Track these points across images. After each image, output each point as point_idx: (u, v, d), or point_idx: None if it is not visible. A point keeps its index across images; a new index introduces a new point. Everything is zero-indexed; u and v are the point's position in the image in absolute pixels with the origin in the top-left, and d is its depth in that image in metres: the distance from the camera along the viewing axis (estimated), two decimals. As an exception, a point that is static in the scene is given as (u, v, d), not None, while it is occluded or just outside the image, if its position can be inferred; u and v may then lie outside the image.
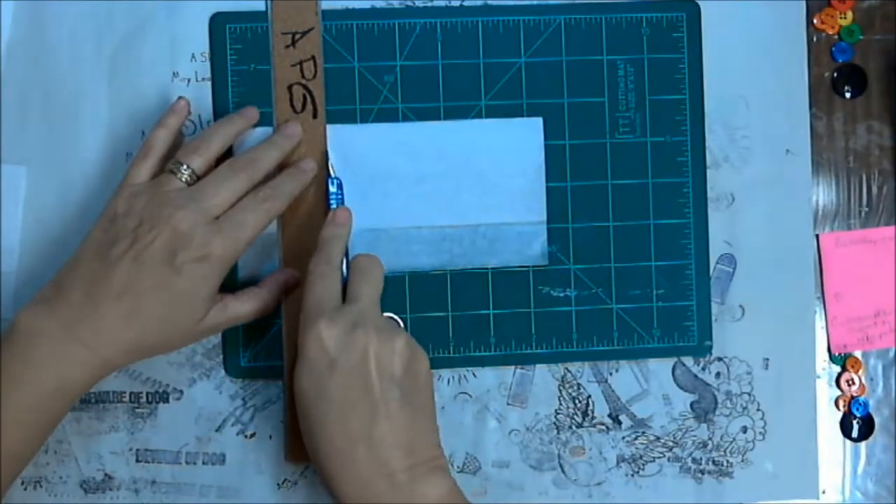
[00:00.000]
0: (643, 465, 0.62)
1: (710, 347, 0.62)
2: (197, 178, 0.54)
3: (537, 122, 0.61)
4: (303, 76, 0.56)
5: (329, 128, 0.60)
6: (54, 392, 0.51)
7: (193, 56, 0.61)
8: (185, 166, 0.54)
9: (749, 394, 0.62)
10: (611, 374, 0.62)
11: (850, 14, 0.63)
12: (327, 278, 0.53)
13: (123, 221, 0.52)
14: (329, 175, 0.58)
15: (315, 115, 0.56)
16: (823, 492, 0.63)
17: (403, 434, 0.50)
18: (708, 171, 0.62)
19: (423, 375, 0.52)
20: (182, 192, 0.53)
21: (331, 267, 0.54)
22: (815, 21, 0.63)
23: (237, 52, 0.60)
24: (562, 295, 0.62)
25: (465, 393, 0.61)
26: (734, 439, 0.62)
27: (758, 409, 0.62)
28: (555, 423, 0.62)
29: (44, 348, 0.50)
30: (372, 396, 0.50)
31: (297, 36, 0.56)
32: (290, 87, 0.57)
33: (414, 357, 0.52)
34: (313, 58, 0.56)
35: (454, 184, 0.61)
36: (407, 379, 0.51)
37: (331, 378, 0.50)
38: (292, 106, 0.57)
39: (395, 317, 0.56)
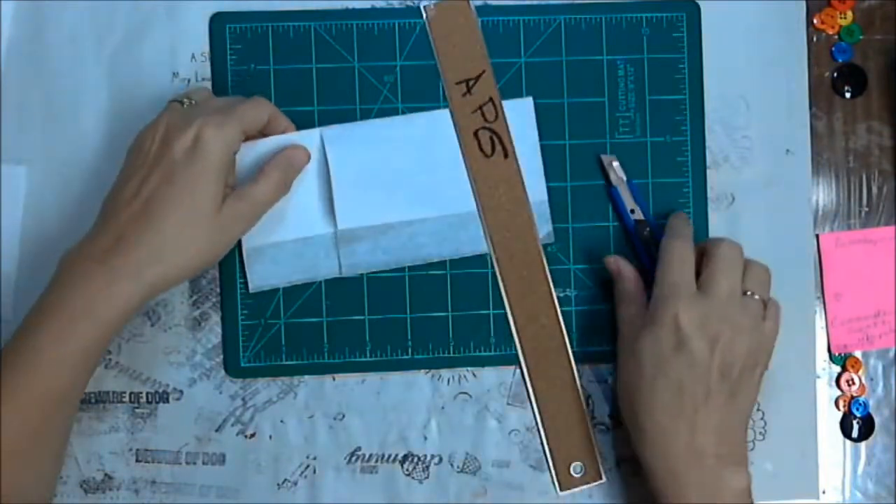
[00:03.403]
0: (643, 465, 0.62)
1: (710, 347, 0.62)
2: None
3: (528, 102, 0.61)
4: (485, 119, 0.57)
5: (324, 130, 0.59)
6: (96, 323, 0.51)
7: (193, 56, 0.61)
8: (190, 100, 0.55)
9: (749, 394, 0.62)
10: (611, 374, 0.62)
11: (850, 14, 0.63)
12: (685, 262, 0.55)
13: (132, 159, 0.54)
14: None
15: (506, 156, 0.57)
16: (823, 492, 0.63)
17: (721, 425, 0.54)
18: (708, 171, 0.62)
19: (756, 381, 0.55)
20: (183, 109, 0.55)
21: (688, 247, 0.56)
22: (815, 21, 0.63)
23: (237, 53, 0.60)
24: (562, 295, 0.61)
25: (465, 393, 0.61)
26: (734, 439, 0.62)
27: (758, 409, 0.62)
28: (555, 423, 0.62)
29: (80, 281, 0.51)
30: (706, 385, 0.53)
31: (471, 82, 0.56)
32: (475, 133, 0.57)
33: (755, 361, 0.55)
34: (491, 99, 0.57)
35: (453, 172, 0.60)
36: (740, 379, 0.54)
37: (674, 358, 0.53)
38: (482, 150, 0.57)
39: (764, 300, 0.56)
